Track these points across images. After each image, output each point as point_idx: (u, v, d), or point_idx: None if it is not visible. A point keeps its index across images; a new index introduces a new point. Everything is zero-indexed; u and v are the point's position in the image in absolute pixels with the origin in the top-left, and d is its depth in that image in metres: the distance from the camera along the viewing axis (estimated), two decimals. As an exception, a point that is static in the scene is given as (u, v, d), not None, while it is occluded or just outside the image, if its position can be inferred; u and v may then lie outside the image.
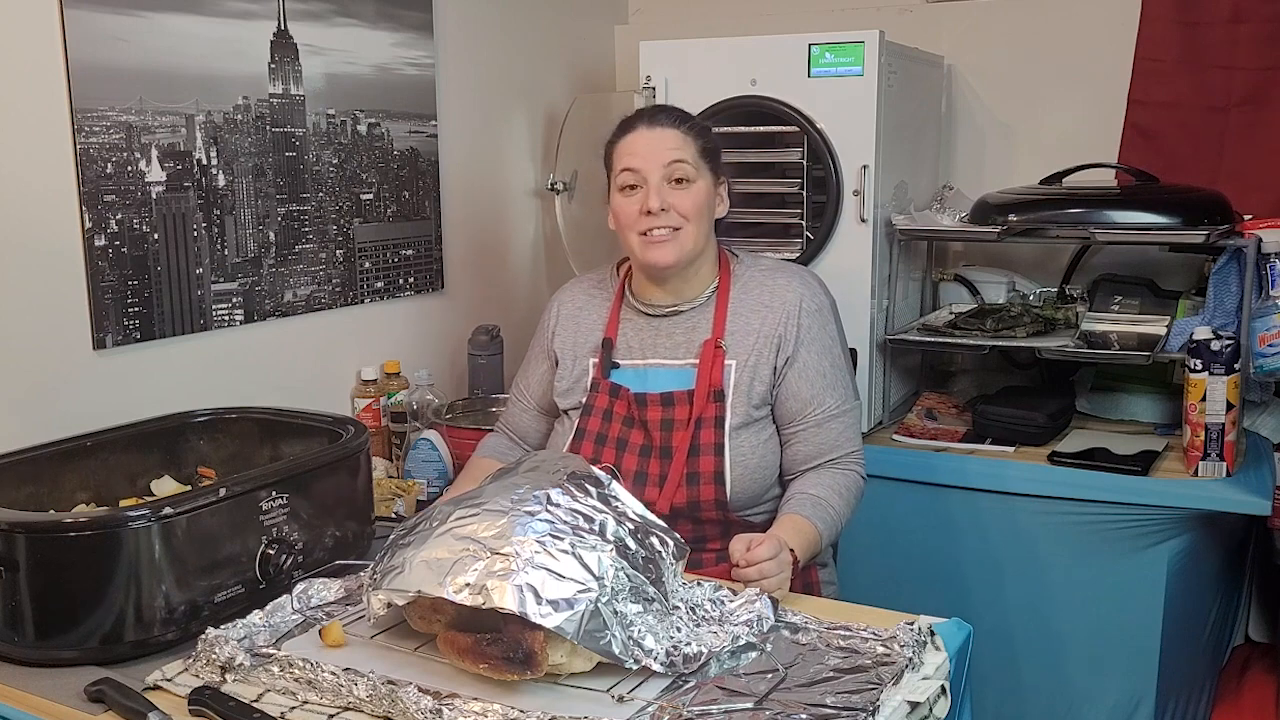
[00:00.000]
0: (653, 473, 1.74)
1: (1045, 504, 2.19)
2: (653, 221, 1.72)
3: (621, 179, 1.75)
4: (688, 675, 1.26)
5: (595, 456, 1.76)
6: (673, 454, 1.73)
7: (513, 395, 1.99)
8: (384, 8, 2.39)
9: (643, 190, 1.73)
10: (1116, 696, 2.20)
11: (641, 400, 1.77)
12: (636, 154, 1.74)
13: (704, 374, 1.75)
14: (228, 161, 2.09)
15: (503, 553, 1.25)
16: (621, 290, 1.87)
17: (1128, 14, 2.54)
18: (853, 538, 2.14)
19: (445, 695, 1.20)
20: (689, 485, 1.72)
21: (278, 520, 1.49)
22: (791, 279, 1.82)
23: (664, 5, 3.16)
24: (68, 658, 1.34)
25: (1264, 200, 2.40)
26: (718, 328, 1.77)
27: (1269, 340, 2.20)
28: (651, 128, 1.76)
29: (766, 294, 1.80)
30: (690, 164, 1.74)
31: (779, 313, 1.77)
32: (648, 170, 1.73)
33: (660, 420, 1.75)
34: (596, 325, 1.86)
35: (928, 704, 1.24)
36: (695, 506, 1.72)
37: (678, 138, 1.75)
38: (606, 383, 1.80)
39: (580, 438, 1.79)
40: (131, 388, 1.95)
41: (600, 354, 1.82)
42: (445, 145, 2.58)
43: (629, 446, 1.76)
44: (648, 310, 1.83)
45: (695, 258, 1.78)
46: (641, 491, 1.72)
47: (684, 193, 1.73)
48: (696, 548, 1.75)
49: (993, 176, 2.70)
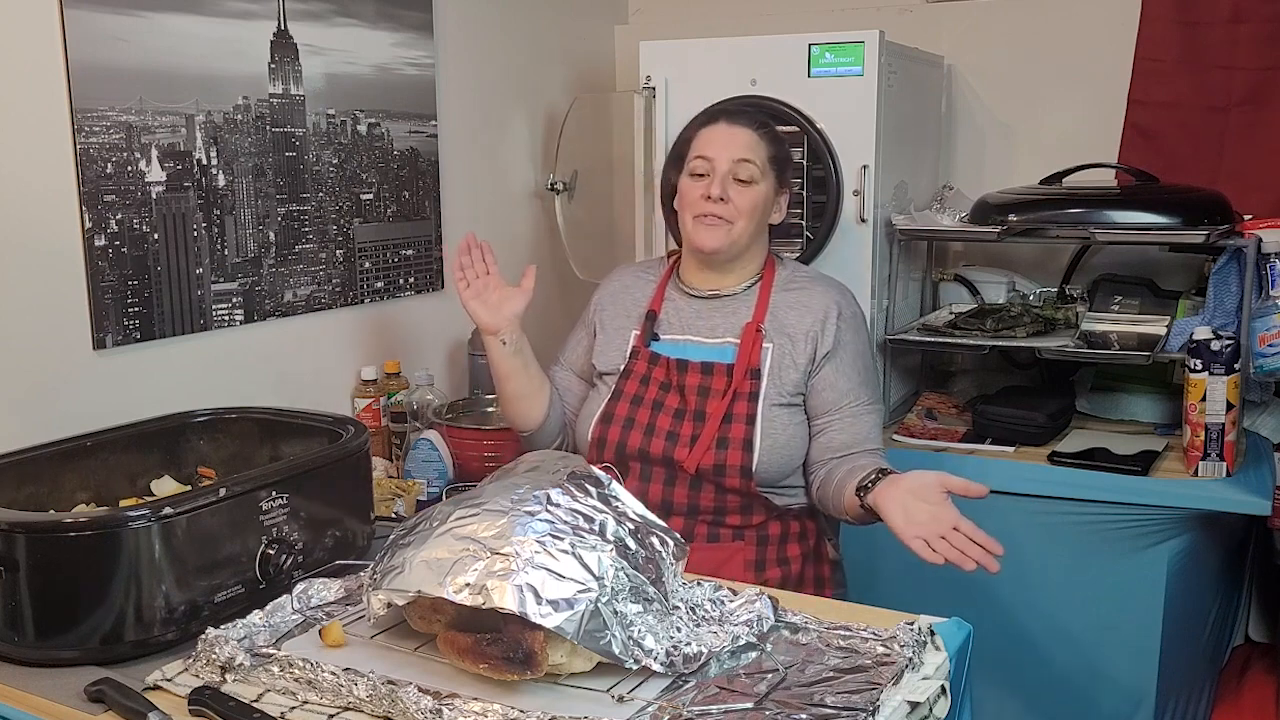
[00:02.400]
0: (684, 434, 1.82)
1: (1045, 504, 2.19)
2: (710, 207, 1.84)
3: (694, 165, 1.88)
4: (688, 675, 1.26)
5: (630, 415, 1.85)
6: (706, 418, 1.81)
7: (555, 357, 2.08)
8: (384, 8, 2.39)
9: (709, 178, 1.85)
10: (1116, 696, 2.20)
11: (682, 366, 1.86)
12: (713, 144, 1.87)
13: (744, 353, 1.84)
14: (228, 161, 2.09)
15: (503, 553, 1.25)
16: (669, 273, 1.99)
17: (1128, 14, 2.55)
18: (853, 537, 2.14)
19: (445, 695, 1.20)
20: (718, 448, 1.78)
21: (278, 520, 1.49)
22: (830, 287, 1.93)
23: (664, 5, 3.16)
24: (68, 658, 1.34)
25: (1264, 200, 2.40)
26: (759, 313, 1.87)
27: (1269, 340, 2.20)
28: (731, 125, 1.88)
29: (806, 296, 1.90)
30: (757, 166, 1.86)
31: (818, 313, 1.87)
32: (718, 161, 1.85)
33: (698, 386, 1.84)
34: (641, 300, 1.98)
35: (928, 704, 1.23)
36: (721, 471, 1.78)
37: (752, 139, 1.87)
38: (646, 350, 1.90)
39: (617, 398, 1.88)
40: (131, 388, 1.95)
41: (643, 325, 1.93)
42: (445, 145, 2.58)
43: (664, 408, 1.85)
44: (691, 292, 1.94)
45: (741, 252, 1.89)
46: (672, 449, 1.80)
47: (745, 190, 1.85)
48: (716, 520, 1.82)
49: (993, 176, 2.70)
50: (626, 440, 1.83)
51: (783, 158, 1.92)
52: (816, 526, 1.90)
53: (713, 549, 1.79)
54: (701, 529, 1.81)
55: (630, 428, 1.84)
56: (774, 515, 1.83)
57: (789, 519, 1.85)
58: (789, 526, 1.85)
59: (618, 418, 1.85)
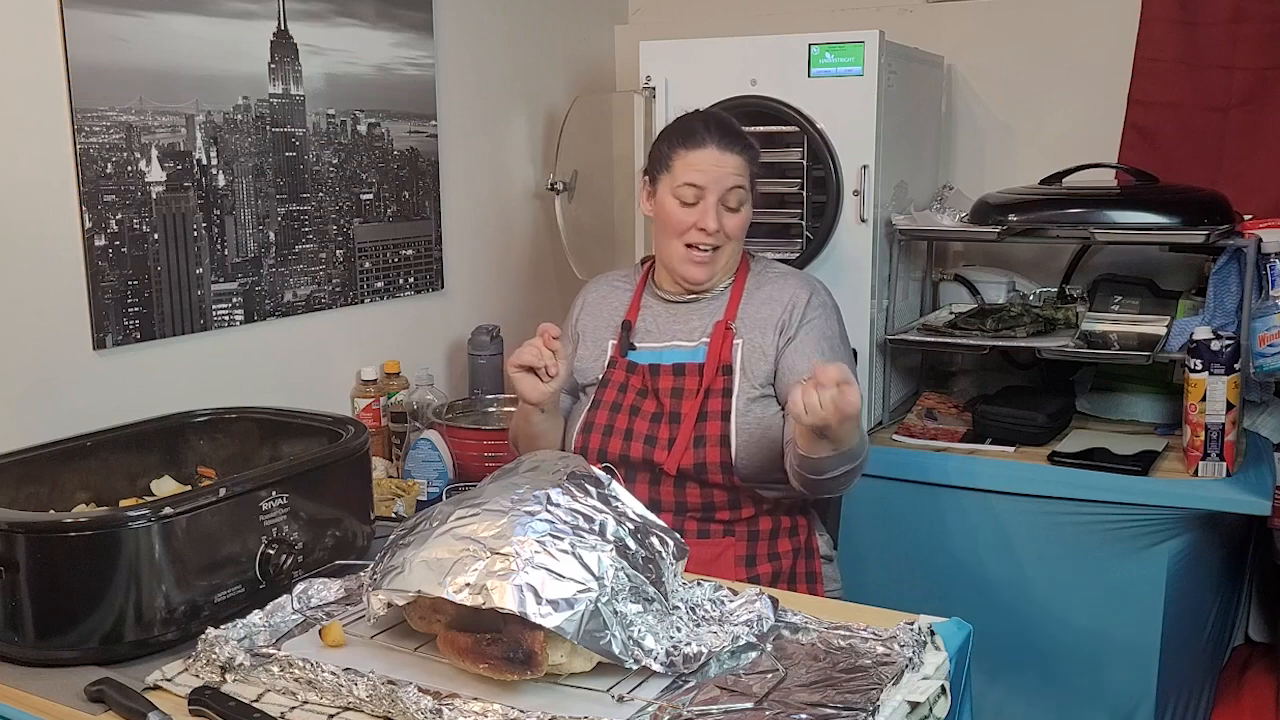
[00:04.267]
0: (662, 436, 1.82)
1: (1045, 504, 2.19)
2: (702, 238, 1.83)
3: (683, 193, 1.83)
4: (688, 675, 1.25)
5: (609, 422, 1.86)
6: (681, 419, 1.81)
7: None
8: (384, 8, 2.39)
9: (700, 206, 1.82)
10: (1116, 696, 2.20)
11: (655, 370, 1.87)
12: (705, 172, 1.82)
13: (714, 350, 1.85)
14: (228, 161, 2.09)
15: (503, 553, 1.25)
16: (644, 279, 1.98)
17: (1128, 14, 2.54)
18: (853, 537, 2.14)
19: (445, 695, 1.20)
20: (695, 448, 1.79)
21: (278, 520, 1.49)
22: (800, 282, 1.92)
23: (664, 5, 3.16)
24: (68, 658, 1.34)
25: (1264, 200, 2.40)
26: (730, 312, 1.88)
27: (1269, 340, 2.20)
28: (723, 152, 1.83)
29: (777, 290, 1.90)
30: (745, 189, 1.86)
31: (786, 303, 1.88)
32: (710, 190, 1.82)
33: (671, 388, 1.85)
34: (618, 310, 1.97)
35: (928, 704, 1.23)
36: (702, 469, 1.79)
37: (741, 165, 1.85)
38: (623, 360, 1.90)
39: (596, 407, 1.88)
40: (131, 388, 1.95)
41: (620, 335, 1.93)
42: (445, 145, 2.58)
43: (641, 413, 1.85)
44: (667, 297, 1.94)
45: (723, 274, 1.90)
46: (652, 452, 1.81)
47: (736, 216, 1.85)
48: (705, 516, 1.83)
49: (993, 176, 2.70)
50: (607, 447, 1.84)
51: (758, 170, 1.90)
52: (808, 522, 1.91)
53: (703, 545, 1.80)
54: (691, 525, 1.82)
55: (610, 434, 1.84)
56: (764, 510, 1.84)
57: (780, 514, 1.86)
58: (780, 522, 1.86)
59: (597, 426, 1.86)
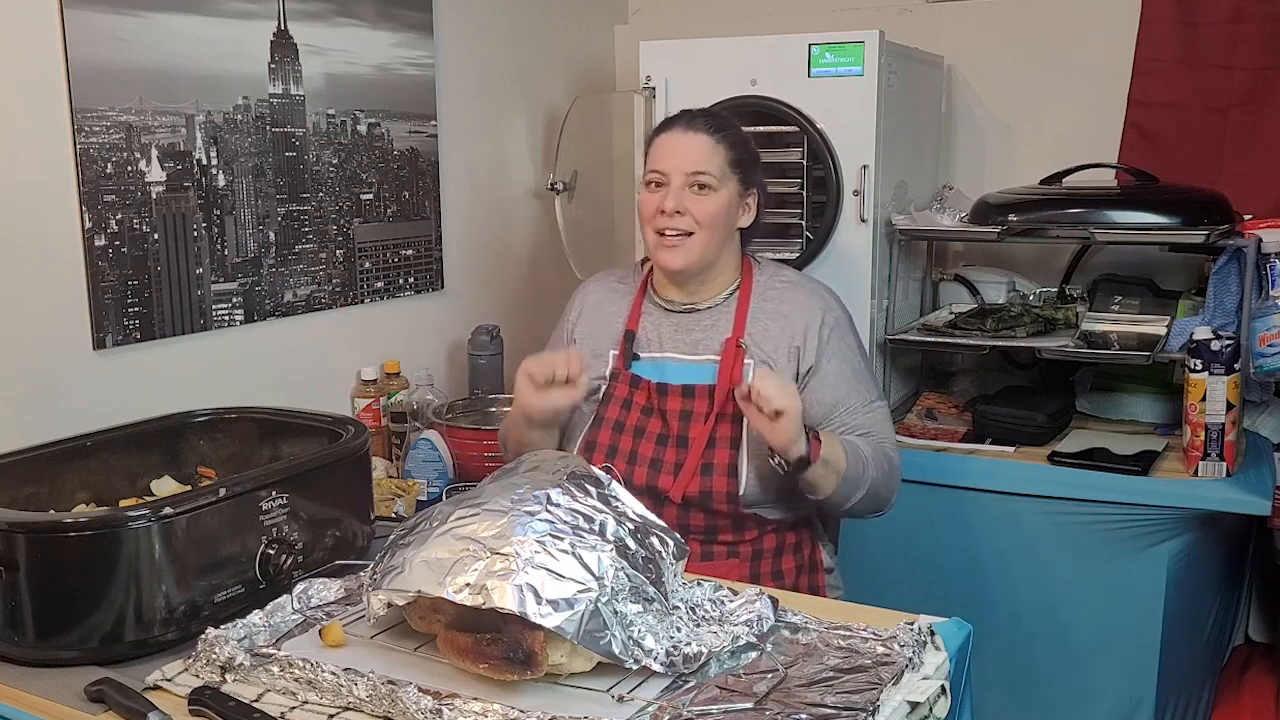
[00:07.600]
0: (668, 461, 1.77)
1: (1045, 504, 2.19)
2: (667, 222, 1.78)
3: (649, 176, 1.81)
4: (688, 675, 1.25)
5: (612, 443, 1.80)
6: (689, 444, 1.76)
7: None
8: (384, 8, 2.39)
9: (664, 190, 1.78)
10: (1116, 696, 2.20)
11: (663, 390, 1.80)
12: (668, 156, 1.79)
13: (725, 371, 1.78)
14: (228, 161, 2.09)
15: (503, 553, 1.24)
16: (644, 285, 1.92)
17: (1128, 14, 2.54)
18: (853, 538, 2.14)
19: (445, 695, 1.20)
20: (703, 475, 1.74)
21: (278, 520, 1.49)
22: (811, 294, 1.86)
23: (664, 5, 3.16)
24: (68, 658, 1.34)
25: (1264, 200, 2.40)
26: (738, 327, 1.81)
27: (1269, 340, 2.20)
28: (685, 133, 1.80)
29: (787, 305, 1.83)
30: (714, 175, 1.78)
31: (799, 324, 1.81)
32: (672, 173, 1.78)
33: (680, 411, 1.79)
34: (618, 317, 1.90)
35: (928, 704, 1.23)
36: (708, 497, 1.74)
37: (708, 146, 1.78)
38: (627, 373, 1.84)
39: (599, 424, 1.82)
40: (131, 388, 1.95)
41: (622, 345, 1.86)
42: (445, 145, 2.58)
43: (645, 434, 1.79)
44: (667, 306, 1.88)
45: (710, 263, 1.82)
46: (656, 477, 1.76)
47: (703, 199, 1.78)
48: (708, 539, 1.78)
49: (993, 176, 2.70)
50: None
51: (746, 159, 1.83)
52: (811, 535, 1.87)
53: (706, 567, 1.74)
54: (694, 547, 1.75)
55: (613, 457, 1.78)
56: (768, 530, 1.80)
57: (784, 531, 1.82)
58: (784, 539, 1.82)
59: (600, 445, 1.80)
